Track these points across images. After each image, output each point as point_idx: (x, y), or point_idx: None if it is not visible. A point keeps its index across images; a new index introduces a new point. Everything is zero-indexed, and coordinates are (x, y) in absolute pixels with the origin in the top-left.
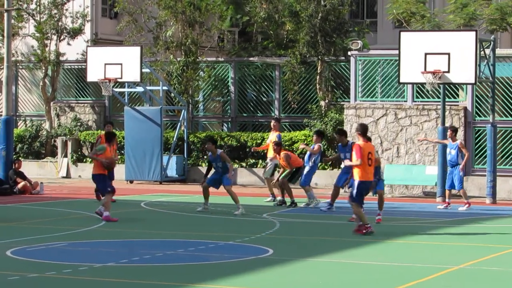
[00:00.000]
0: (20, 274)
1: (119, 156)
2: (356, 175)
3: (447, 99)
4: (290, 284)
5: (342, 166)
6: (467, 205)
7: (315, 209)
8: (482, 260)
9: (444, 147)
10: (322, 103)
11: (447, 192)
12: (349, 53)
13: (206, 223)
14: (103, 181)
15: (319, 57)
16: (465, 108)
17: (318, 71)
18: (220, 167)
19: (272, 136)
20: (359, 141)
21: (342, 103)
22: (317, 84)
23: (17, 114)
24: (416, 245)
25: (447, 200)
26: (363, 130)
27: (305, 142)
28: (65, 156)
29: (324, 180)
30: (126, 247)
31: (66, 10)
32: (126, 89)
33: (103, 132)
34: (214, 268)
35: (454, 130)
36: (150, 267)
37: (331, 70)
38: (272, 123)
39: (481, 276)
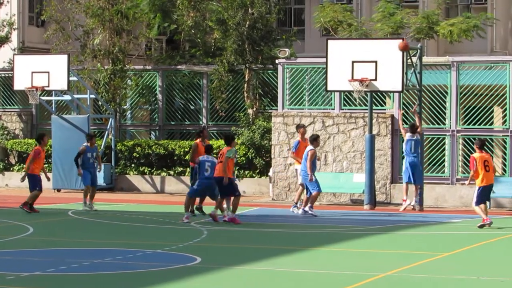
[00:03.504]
0: None
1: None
2: (478, 181)
3: (374, 107)
4: None
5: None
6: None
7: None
8: (409, 267)
9: (371, 154)
10: (250, 111)
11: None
12: (276, 61)
13: (134, 232)
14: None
15: (247, 65)
16: (392, 116)
17: (246, 79)
18: None
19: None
20: (475, 153)
21: (270, 111)
22: (245, 92)
23: None
24: (343, 253)
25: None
26: (481, 144)
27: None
28: None
29: (252, 188)
30: (53, 256)
31: None
32: (53, 98)
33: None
34: (142, 277)
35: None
36: (77, 276)
37: (258, 78)
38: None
39: (408, 283)
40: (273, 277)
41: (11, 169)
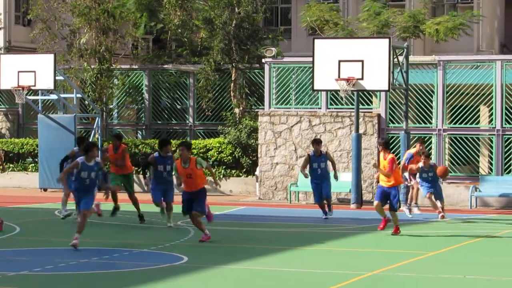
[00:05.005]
0: None
1: (33, 164)
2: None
3: (361, 106)
4: None
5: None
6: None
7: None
8: (396, 266)
9: (358, 153)
10: (237, 110)
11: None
12: (263, 60)
13: (121, 231)
14: None
15: (233, 64)
16: (378, 115)
17: (232, 79)
18: None
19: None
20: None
21: (257, 110)
22: (232, 92)
23: None
24: (329, 252)
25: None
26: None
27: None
28: None
29: (239, 187)
30: (39, 256)
31: None
32: (39, 97)
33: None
34: (129, 276)
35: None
36: (64, 276)
37: (245, 78)
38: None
39: (394, 283)
40: (259, 276)
41: None
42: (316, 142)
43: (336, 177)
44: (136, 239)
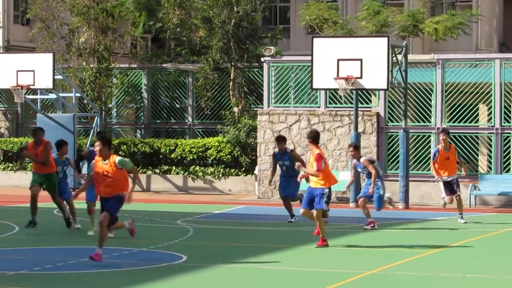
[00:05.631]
0: None
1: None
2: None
3: (360, 105)
4: None
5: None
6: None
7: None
8: (395, 265)
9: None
10: (236, 109)
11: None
12: (262, 59)
13: (120, 230)
14: None
15: (232, 63)
16: (377, 114)
17: (231, 78)
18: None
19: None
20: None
21: (256, 109)
22: (230, 91)
23: None
24: (328, 250)
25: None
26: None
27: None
28: None
29: (238, 186)
30: (39, 255)
31: None
32: (38, 96)
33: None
34: (128, 275)
35: (356, 147)
36: (63, 274)
37: (244, 76)
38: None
39: (393, 281)
40: (258, 275)
41: None
42: (278, 139)
43: (301, 178)
44: (135, 238)
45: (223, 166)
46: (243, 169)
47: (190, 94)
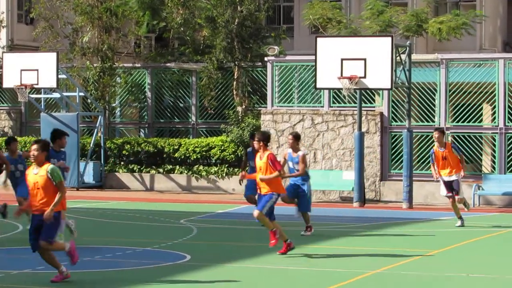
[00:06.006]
0: None
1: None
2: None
3: (363, 105)
4: None
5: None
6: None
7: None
8: (399, 265)
9: (361, 151)
10: (239, 108)
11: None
12: (265, 58)
13: (124, 230)
14: None
15: (236, 62)
16: (381, 114)
17: (235, 77)
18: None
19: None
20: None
21: (259, 108)
22: (234, 90)
23: None
24: (333, 250)
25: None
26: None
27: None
28: None
29: (241, 186)
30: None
31: None
32: (42, 95)
33: None
34: (132, 275)
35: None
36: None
37: (247, 76)
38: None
39: (398, 281)
40: (263, 274)
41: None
42: (251, 137)
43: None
44: (139, 237)
45: (226, 165)
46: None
47: (193, 93)
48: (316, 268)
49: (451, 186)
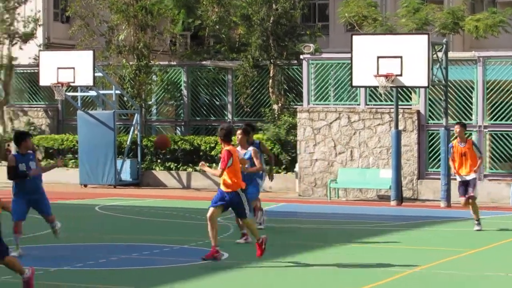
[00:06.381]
0: None
1: (73, 160)
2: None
3: (400, 103)
4: (246, 286)
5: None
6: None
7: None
8: (437, 264)
9: (398, 150)
10: (275, 106)
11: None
12: (301, 56)
13: (161, 227)
14: None
15: (272, 60)
16: (418, 112)
17: (271, 75)
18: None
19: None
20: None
21: (295, 106)
22: (270, 88)
23: None
24: (371, 249)
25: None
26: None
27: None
28: None
29: (278, 184)
30: (81, 251)
31: (18, 14)
32: (79, 93)
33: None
34: (168, 272)
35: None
36: (105, 271)
37: (283, 74)
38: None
39: (436, 280)
40: (299, 273)
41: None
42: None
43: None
44: (175, 235)
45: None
46: (284, 166)
47: (229, 91)
48: (352, 267)
49: (466, 187)
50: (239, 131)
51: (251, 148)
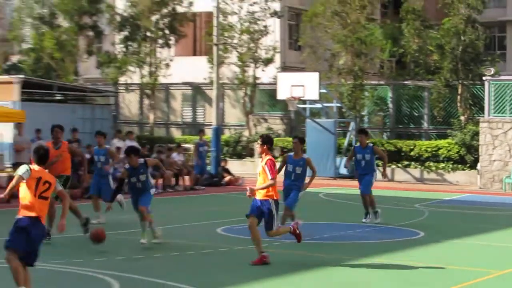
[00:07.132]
0: (228, 247)
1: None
2: None
3: None
4: (440, 259)
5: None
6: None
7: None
8: None
9: None
10: (462, 118)
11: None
12: (483, 78)
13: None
14: None
15: (460, 81)
16: None
17: (459, 92)
18: None
19: None
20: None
21: (478, 118)
22: (458, 103)
23: (224, 124)
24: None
25: None
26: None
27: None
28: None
29: (463, 179)
30: (305, 229)
31: (261, 43)
32: (307, 106)
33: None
34: (376, 246)
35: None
36: (327, 244)
37: (469, 92)
38: None
39: None
40: (487, 250)
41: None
42: (360, 132)
43: (383, 175)
44: (382, 217)
45: (451, 162)
46: (468, 165)
47: (426, 105)
48: None
49: None
50: (295, 140)
51: (305, 155)
